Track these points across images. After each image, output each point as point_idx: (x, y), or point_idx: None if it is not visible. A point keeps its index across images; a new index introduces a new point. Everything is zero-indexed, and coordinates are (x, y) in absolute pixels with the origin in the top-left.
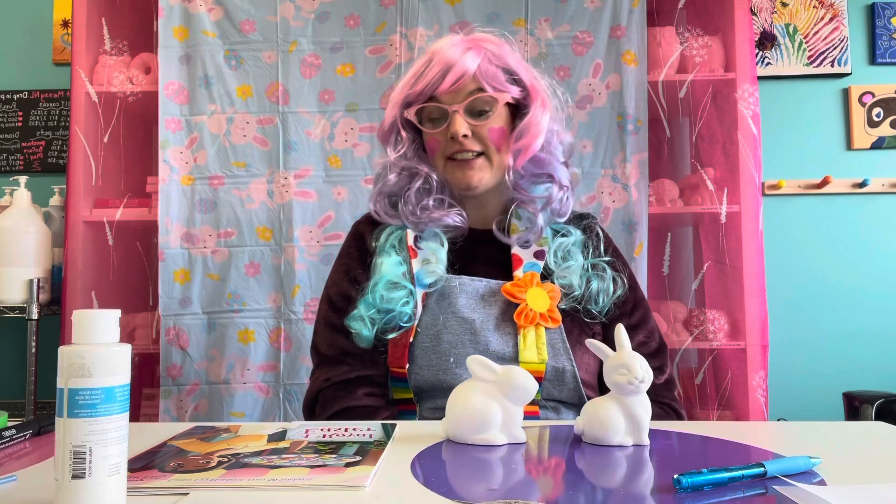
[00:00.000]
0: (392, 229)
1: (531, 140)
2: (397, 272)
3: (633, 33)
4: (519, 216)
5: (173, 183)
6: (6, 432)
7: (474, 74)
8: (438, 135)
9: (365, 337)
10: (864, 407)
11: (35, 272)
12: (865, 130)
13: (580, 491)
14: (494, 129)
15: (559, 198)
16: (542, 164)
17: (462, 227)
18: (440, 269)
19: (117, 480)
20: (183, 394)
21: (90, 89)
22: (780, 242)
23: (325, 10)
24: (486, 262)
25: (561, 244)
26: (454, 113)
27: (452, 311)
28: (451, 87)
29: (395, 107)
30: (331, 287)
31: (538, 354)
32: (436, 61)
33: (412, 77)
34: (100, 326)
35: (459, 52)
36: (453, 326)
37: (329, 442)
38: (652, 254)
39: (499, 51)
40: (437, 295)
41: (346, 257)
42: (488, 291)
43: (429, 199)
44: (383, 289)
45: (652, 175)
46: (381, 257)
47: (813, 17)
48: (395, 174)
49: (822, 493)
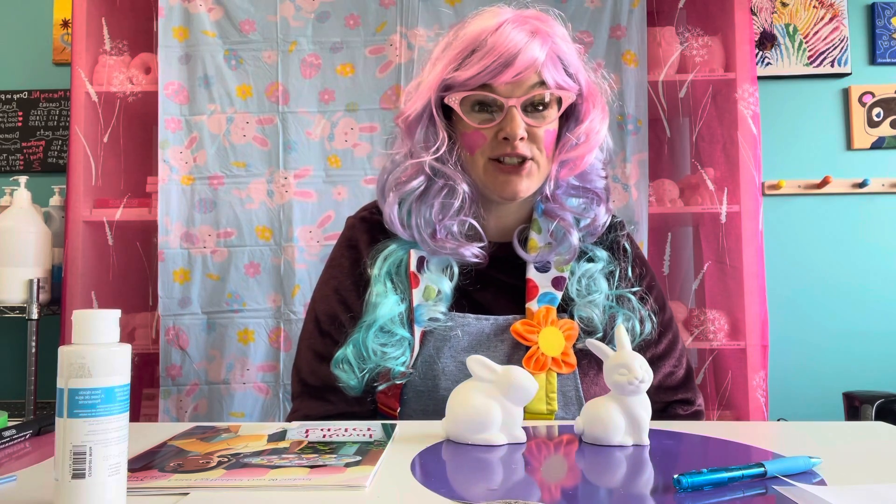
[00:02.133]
0: (390, 250)
1: (586, 151)
2: (393, 313)
3: (633, 33)
4: (540, 229)
5: (173, 183)
6: (6, 432)
7: (540, 67)
8: (486, 130)
9: (353, 387)
10: (864, 407)
11: (35, 272)
12: (865, 130)
13: (580, 491)
14: (550, 131)
15: (602, 221)
16: (585, 177)
17: (480, 263)
18: (441, 308)
19: (117, 480)
20: (183, 394)
21: (90, 89)
22: (780, 242)
23: (325, 10)
24: (495, 288)
25: (586, 272)
26: (511, 108)
27: (452, 354)
28: (515, 79)
29: (429, 89)
30: (319, 303)
31: (547, 405)
32: (493, 42)
33: (457, 57)
34: (100, 326)
35: (524, 37)
36: (452, 372)
37: (329, 442)
38: (652, 254)
39: (562, 42)
40: (435, 336)
41: (337, 269)
42: (495, 329)
43: (453, 222)
44: (376, 339)
45: (652, 175)
46: (376, 287)
47: (813, 17)
48: (421, 177)
49: (822, 493)
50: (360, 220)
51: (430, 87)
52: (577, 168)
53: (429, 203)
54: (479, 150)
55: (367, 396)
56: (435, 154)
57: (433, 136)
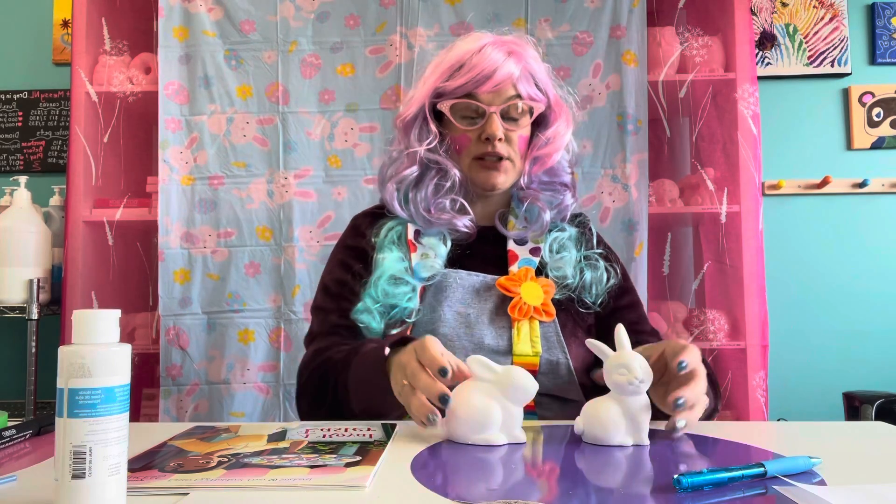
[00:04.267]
0: (392, 224)
1: (552, 151)
2: (399, 267)
3: (633, 33)
4: (517, 214)
5: (173, 183)
6: (6, 432)
7: (514, 81)
8: (471, 133)
9: (374, 330)
10: (864, 407)
11: (35, 272)
12: (865, 130)
13: (580, 491)
14: (523, 136)
15: (569, 204)
16: (553, 173)
17: (469, 234)
18: (438, 264)
19: (117, 480)
20: (183, 394)
21: (90, 89)
22: (780, 242)
23: (325, 10)
24: (482, 259)
25: (556, 238)
26: (492, 114)
27: (448, 304)
28: (494, 89)
29: (423, 96)
30: (326, 275)
31: (532, 347)
32: (477, 60)
33: (448, 70)
34: (100, 326)
35: (502, 56)
36: (449, 320)
37: (329, 442)
38: (652, 254)
39: (534, 62)
40: (434, 289)
41: (342, 248)
42: (483, 286)
43: (445, 199)
44: (386, 284)
45: (652, 175)
46: (381, 253)
47: (813, 17)
48: (417, 166)
49: (822, 493)
50: (364, 215)
51: (425, 94)
52: (546, 164)
53: (423, 187)
54: (466, 151)
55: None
56: (428, 146)
57: (426, 133)
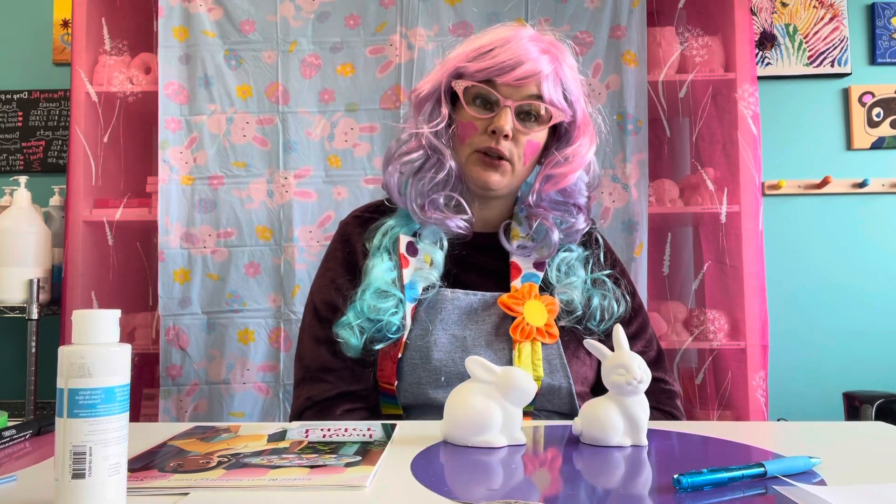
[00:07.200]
0: (387, 228)
1: (569, 171)
2: (387, 279)
3: (633, 33)
4: (521, 222)
5: (173, 183)
6: (6, 432)
7: (541, 80)
8: (479, 122)
9: (353, 346)
10: (864, 407)
11: (35, 272)
12: (865, 130)
13: (579, 491)
14: (533, 143)
15: (580, 228)
16: (568, 194)
17: (465, 235)
18: (434, 275)
19: (117, 480)
20: (183, 394)
21: (90, 89)
22: (780, 242)
23: (325, 10)
24: (481, 271)
25: (564, 259)
26: (505, 108)
27: (443, 327)
28: (515, 83)
29: (442, 73)
30: (316, 294)
31: (533, 371)
32: (509, 47)
33: (475, 51)
34: (100, 326)
35: (537, 50)
36: (444, 344)
37: (329, 442)
38: (652, 254)
39: (568, 70)
40: (428, 307)
41: (332, 262)
42: (482, 305)
43: (440, 195)
44: (371, 297)
45: (652, 175)
46: (373, 259)
47: (813, 17)
48: (420, 152)
49: (822, 493)
50: (353, 218)
51: (445, 72)
52: (559, 184)
53: (422, 177)
54: (468, 141)
55: (367, 367)
56: (433, 129)
57: (437, 113)
